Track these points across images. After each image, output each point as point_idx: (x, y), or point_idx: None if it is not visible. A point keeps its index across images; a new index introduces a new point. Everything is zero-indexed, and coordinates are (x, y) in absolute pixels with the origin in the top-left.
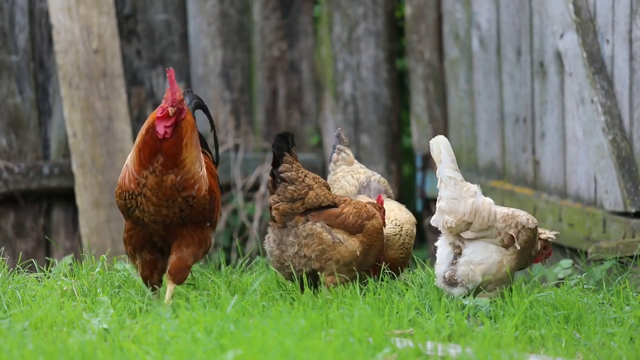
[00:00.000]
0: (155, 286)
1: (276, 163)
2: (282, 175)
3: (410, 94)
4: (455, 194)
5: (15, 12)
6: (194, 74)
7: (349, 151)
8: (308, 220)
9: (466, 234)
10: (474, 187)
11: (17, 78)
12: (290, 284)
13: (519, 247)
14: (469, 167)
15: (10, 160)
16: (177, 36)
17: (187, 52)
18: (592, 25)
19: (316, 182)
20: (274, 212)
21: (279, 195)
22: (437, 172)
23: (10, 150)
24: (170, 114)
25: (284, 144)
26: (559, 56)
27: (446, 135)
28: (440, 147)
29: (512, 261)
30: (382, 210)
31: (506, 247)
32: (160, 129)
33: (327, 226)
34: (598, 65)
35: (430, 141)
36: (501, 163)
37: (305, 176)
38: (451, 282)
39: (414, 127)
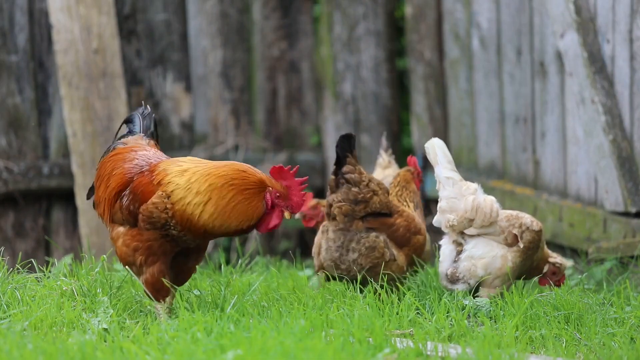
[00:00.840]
0: (165, 299)
1: (339, 163)
2: (345, 176)
3: (410, 93)
4: (454, 193)
5: (15, 12)
6: (194, 74)
7: (385, 155)
8: (365, 225)
9: (469, 231)
10: (474, 185)
11: (17, 78)
12: (289, 284)
13: (522, 246)
14: (469, 167)
15: (10, 160)
16: (177, 36)
17: (187, 52)
18: (593, 25)
19: (380, 188)
20: (335, 210)
21: (341, 195)
22: (435, 174)
23: (10, 150)
24: (296, 217)
25: (347, 145)
26: (559, 56)
27: (446, 135)
28: (435, 149)
29: (516, 258)
30: (416, 173)
31: (510, 245)
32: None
33: (387, 240)
34: (598, 65)
35: (426, 144)
36: (501, 163)
37: (369, 180)
38: (453, 279)
39: (414, 127)
